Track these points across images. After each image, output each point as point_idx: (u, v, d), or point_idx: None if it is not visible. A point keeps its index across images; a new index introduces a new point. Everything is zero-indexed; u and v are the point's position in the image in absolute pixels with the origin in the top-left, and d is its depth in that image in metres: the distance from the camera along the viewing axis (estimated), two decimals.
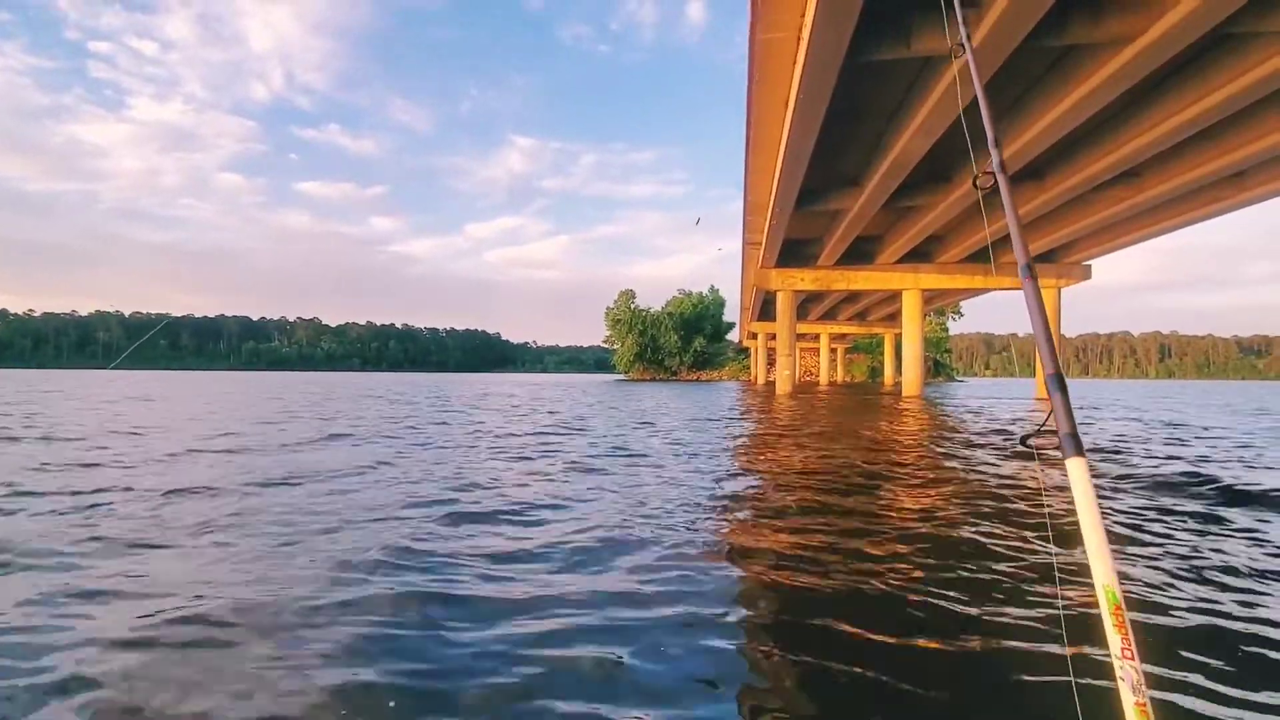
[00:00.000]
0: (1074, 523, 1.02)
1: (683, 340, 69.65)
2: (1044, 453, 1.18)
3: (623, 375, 71.07)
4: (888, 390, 33.57)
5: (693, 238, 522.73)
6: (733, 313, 69.62)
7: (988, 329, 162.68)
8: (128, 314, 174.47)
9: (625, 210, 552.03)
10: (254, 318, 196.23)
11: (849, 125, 12.41)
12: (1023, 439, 1.24)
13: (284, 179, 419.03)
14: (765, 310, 35.92)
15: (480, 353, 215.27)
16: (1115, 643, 0.90)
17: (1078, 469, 1.05)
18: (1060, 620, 2.16)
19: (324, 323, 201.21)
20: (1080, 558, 2.10)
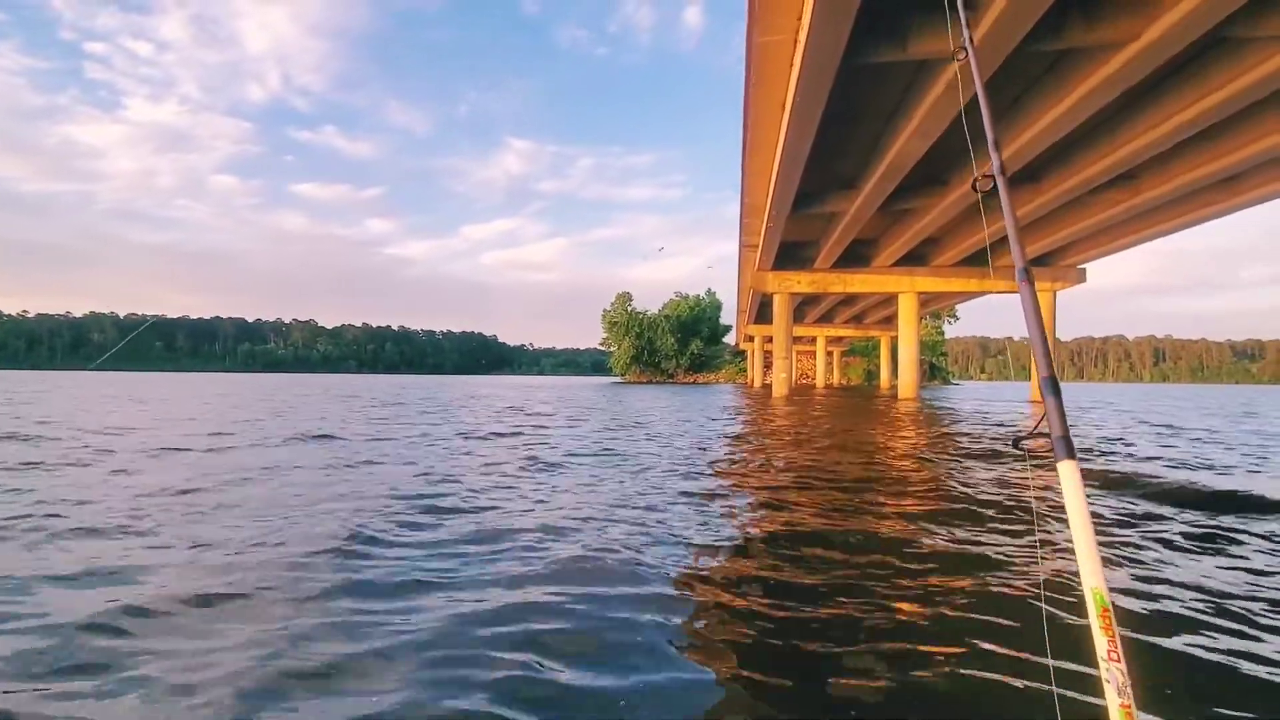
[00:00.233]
0: (1064, 525, 1.02)
1: (679, 343, 69.68)
2: (1035, 455, 1.17)
3: (619, 378, 71.06)
4: (884, 393, 33.63)
5: (691, 240, 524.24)
6: (729, 315, 69.74)
7: (983, 332, 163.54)
8: (122, 315, 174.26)
9: (623, 213, 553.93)
10: (249, 319, 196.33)
11: (845, 128, 12.45)
12: (1015, 441, 1.22)
13: (280, 180, 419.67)
14: (762, 313, 35.96)
15: (476, 355, 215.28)
16: (1102, 645, 0.90)
17: (1069, 472, 1.05)
18: (1043, 622, 2.16)
19: (320, 324, 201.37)
20: (1069, 560, 2.09)
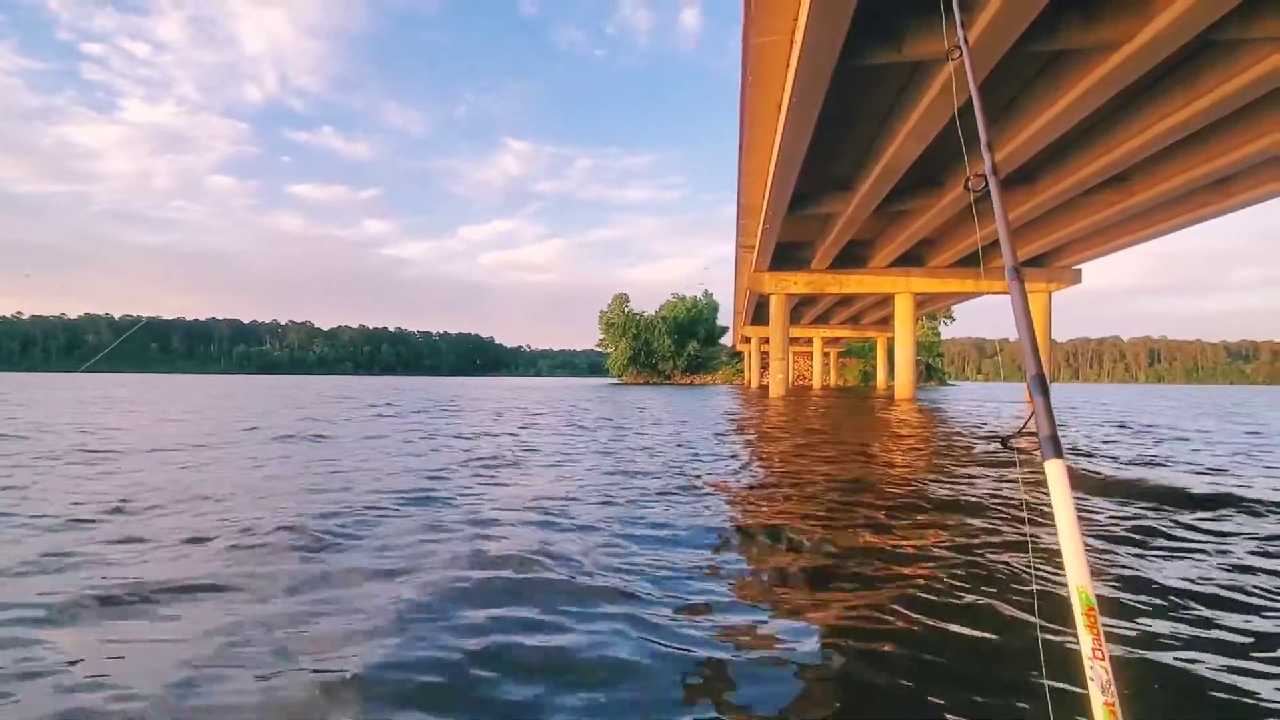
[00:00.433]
0: (1050, 523, 1.02)
1: (676, 344, 69.66)
2: (1024, 454, 1.18)
3: (616, 379, 71.02)
4: (880, 394, 33.69)
5: (688, 241, 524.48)
6: (726, 317, 69.72)
7: (979, 334, 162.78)
8: (118, 316, 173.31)
9: (620, 214, 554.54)
10: (245, 321, 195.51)
11: (841, 129, 12.48)
12: (1004, 440, 1.23)
13: (277, 181, 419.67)
14: (759, 314, 35.97)
15: (473, 356, 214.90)
16: (1087, 643, 0.90)
17: (1056, 471, 1.05)
18: (1034, 619, 2.16)
19: (316, 326, 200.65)
20: (1055, 559, 2.09)
